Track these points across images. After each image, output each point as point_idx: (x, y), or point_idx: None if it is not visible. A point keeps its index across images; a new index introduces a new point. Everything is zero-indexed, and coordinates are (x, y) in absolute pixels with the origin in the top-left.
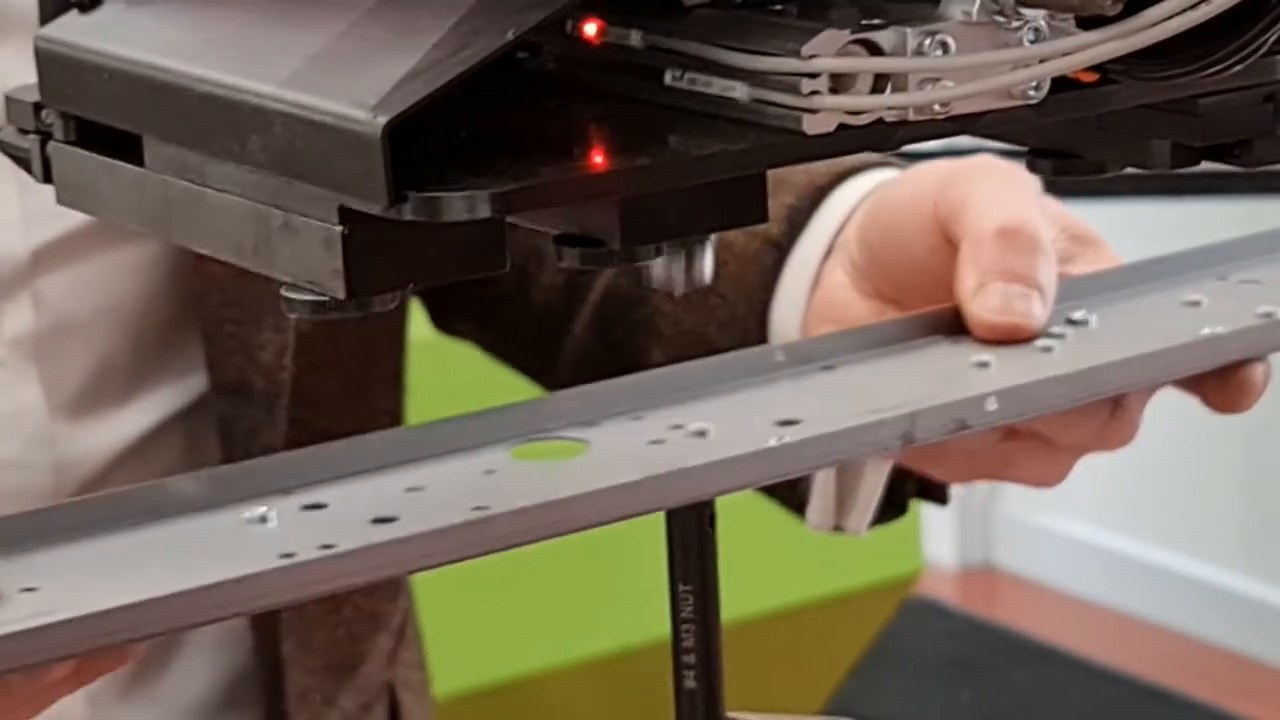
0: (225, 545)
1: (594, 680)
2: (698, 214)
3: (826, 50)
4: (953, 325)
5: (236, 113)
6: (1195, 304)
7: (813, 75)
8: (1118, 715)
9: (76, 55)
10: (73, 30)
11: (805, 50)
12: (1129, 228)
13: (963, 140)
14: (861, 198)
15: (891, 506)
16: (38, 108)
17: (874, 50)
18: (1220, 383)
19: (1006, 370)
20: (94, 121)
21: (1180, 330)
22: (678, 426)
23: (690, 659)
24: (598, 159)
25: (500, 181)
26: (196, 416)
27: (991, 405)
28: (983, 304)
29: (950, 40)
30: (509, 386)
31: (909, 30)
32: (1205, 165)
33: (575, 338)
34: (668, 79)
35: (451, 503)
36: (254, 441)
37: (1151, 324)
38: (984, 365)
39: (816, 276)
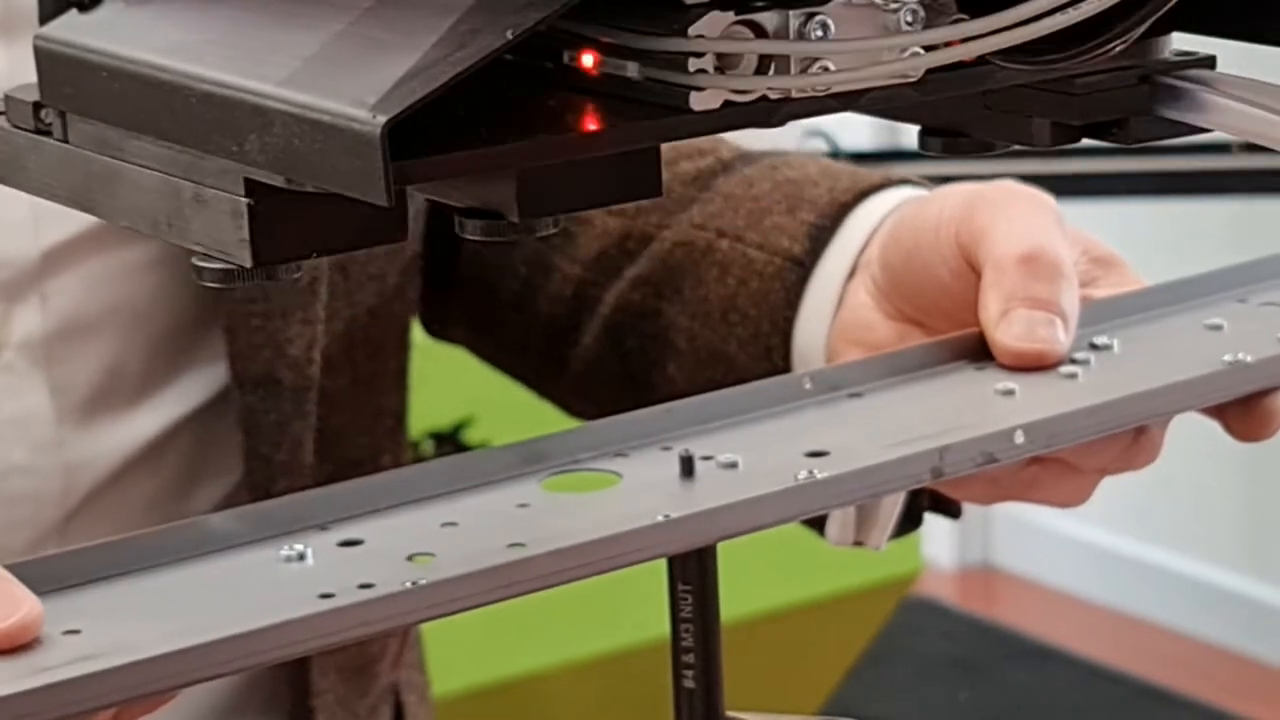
0: (264, 585)
1: (593, 680)
2: (593, 188)
3: (711, 31)
4: (977, 351)
5: (236, 112)
6: (1217, 328)
7: (698, 54)
8: (1117, 715)
9: (76, 54)
10: (72, 29)
11: (691, 30)
12: (1130, 228)
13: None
14: (884, 216)
15: (907, 519)
16: (37, 107)
17: (758, 31)
18: (1244, 412)
19: (1032, 399)
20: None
21: (1203, 355)
22: (708, 458)
23: (689, 659)
24: (493, 134)
25: (398, 154)
26: (205, 419)
27: (1019, 439)
28: (1007, 331)
29: (830, 22)
30: (506, 386)
31: (791, 13)
32: (1204, 165)
33: (584, 348)
34: (565, 58)
35: (487, 538)
36: (282, 435)
37: (1174, 349)
38: (1009, 393)
39: (841, 294)
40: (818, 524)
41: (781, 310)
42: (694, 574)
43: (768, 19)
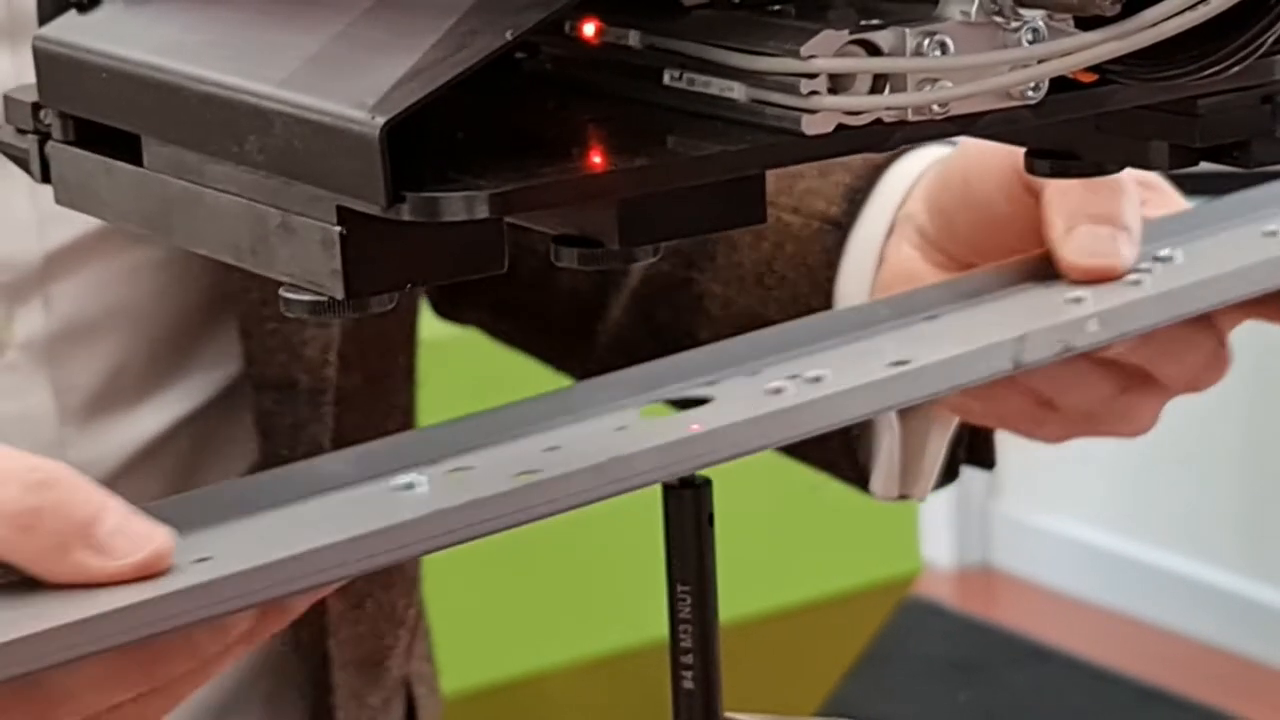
0: (380, 508)
1: (591, 681)
2: (696, 215)
3: (825, 50)
4: (1043, 271)
5: (235, 113)
6: (1274, 234)
7: (811, 75)
8: (1116, 716)
9: (75, 55)
10: (71, 30)
11: (804, 50)
12: None
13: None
14: (921, 172)
15: (946, 472)
16: (36, 108)
17: (872, 50)
18: None
19: (1102, 300)
20: (92, 121)
21: (1265, 256)
22: (794, 376)
23: (688, 659)
24: (596, 160)
25: (499, 182)
26: (206, 419)
27: (1093, 326)
28: (1073, 246)
29: (949, 40)
30: (515, 380)
31: (908, 30)
32: (1204, 165)
33: (612, 322)
34: (666, 79)
35: (589, 457)
36: (298, 438)
37: (1235, 256)
38: (1079, 300)
39: (881, 252)
40: (862, 479)
41: (821, 271)
42: (692, 574)
43: (883, 38)
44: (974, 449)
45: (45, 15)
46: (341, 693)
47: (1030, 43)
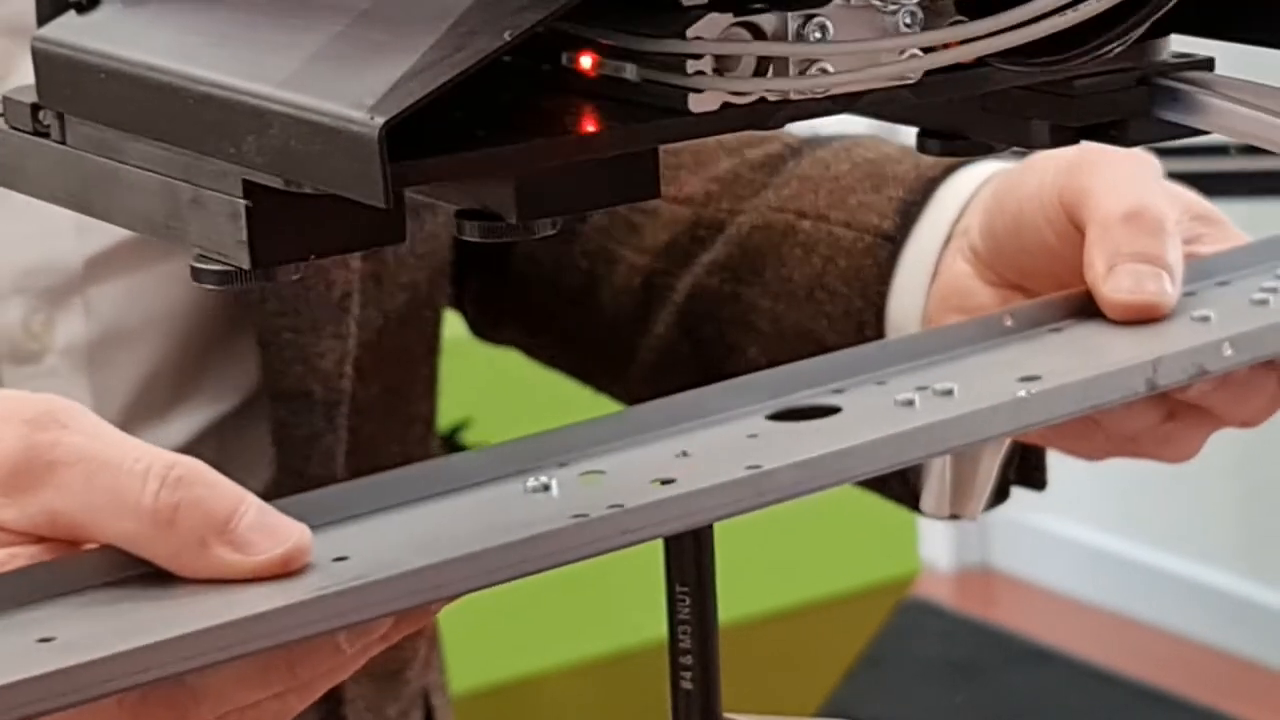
0: (517, 511)
1: (590, 682)
2: (591, 189)
3: (710, 33)
4: (1085, 308)
5: (234, 113)
6: None
7: (697, 56)
8: (1114, 717)
9: (74, 56)
10: (70, 31)
11: (690, 33)
12: None
13: None
14: (976, 187)
15: (997, 493)
16: (35, 108)
17: (756, 33)
18: None
19: (1225, 319)
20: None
21: None
22: (923, 388)
23: (687, 660)
24: (494, 136)
25: (396, 156)
26: (228, 428)
27: (1228, 350)
28: (1115, 285)
29: (828, 23)
30: (506, 389)
31: (790, 14)
32: (1204, 166)
33: (655, 338)
34: (564, 60)
35: (724, 463)
36: (313, 449)
37: None
38: (1205, 319)
39: (935, 267)
40: (912, 497)
41: (874, 285)
42: (691, 575)
43: (766, 21)
44: (1024, 469)
45: (44, 16)
46: (357, 705)
47: (907, 25)
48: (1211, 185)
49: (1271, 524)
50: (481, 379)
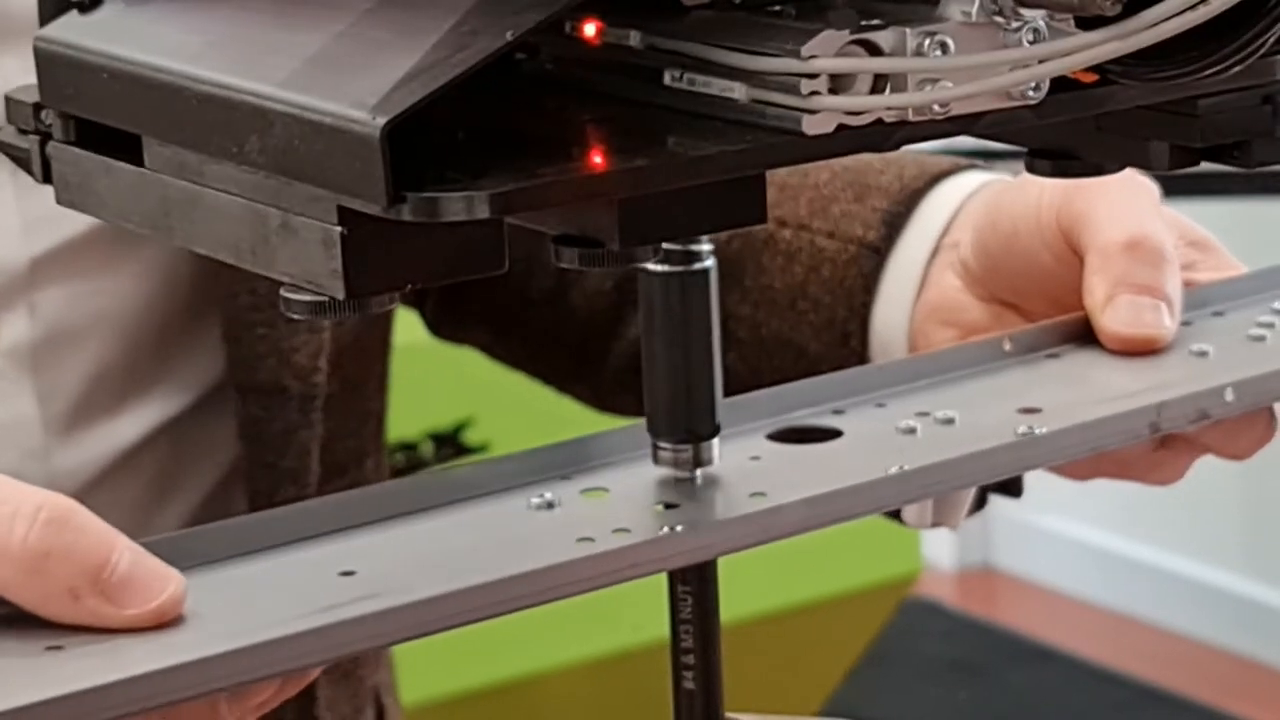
0: (522, 530)
1: (592, 681)
2: (696, 215)
3: (826, 51)
4: (1083, 335)
5: (236, 113)
6: None
7: (812, 76)
8: (1116, 716)
9: (76, 56)
10: (72, 31)
11: (805, 51)
12: None
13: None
14: (962, 200)
15: (977, 501)
16: (37, 108)
17: (873, 51)
18: None
19: (1225, 358)
20: (93, 122)
21: None
22: (924, 414)
23: (689, 660)
24: (596, 160)
25: (498, 182)
26: (181, 426)
27: (1230, 396)
28: (1113, 316)
29: (949, 40)
30: (507, 388)
31: (908, 30)
32: (1205, 165)
33: (629, 342)
34: (667, 79)
35: (728, 488)
36: (288, 443)
37: None
38: (1203, 354)
39: (921, 279)
40: (894, 511)
41: (859, 296)
42: (693, 575)
43: (884, 38)
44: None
45: (46, 15)
46: (320, 704)
47: (1031, 43)
48: (1212, 185)
49: (1274, 524)
50: (481, 379)
